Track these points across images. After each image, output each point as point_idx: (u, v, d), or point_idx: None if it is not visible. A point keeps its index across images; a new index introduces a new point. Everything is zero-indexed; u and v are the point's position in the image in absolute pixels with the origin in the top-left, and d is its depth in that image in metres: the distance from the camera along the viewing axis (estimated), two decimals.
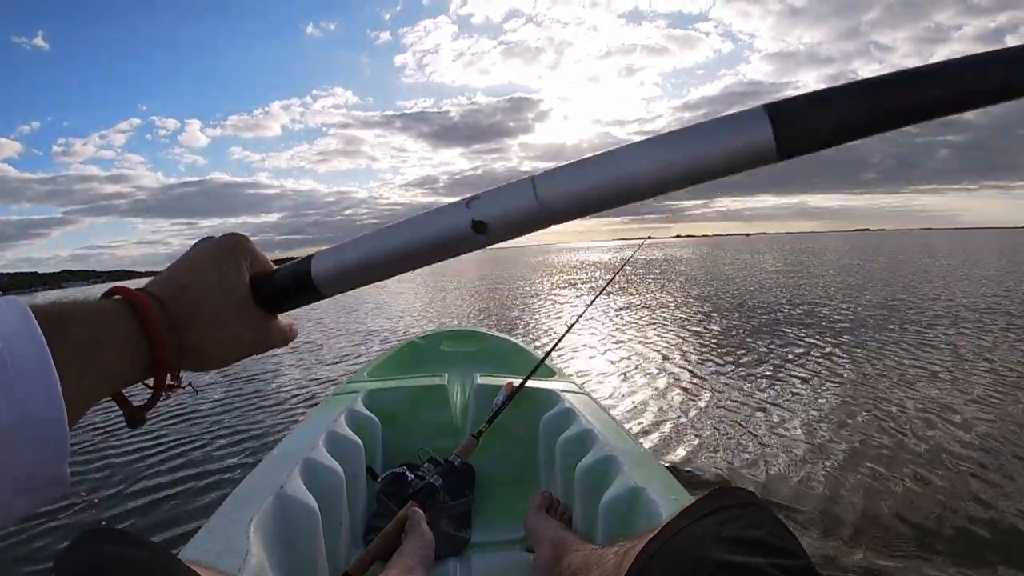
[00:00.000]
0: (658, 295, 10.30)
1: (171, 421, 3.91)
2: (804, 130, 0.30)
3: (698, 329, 6.44)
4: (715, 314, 7.58)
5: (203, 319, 0.35)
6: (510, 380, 1.69)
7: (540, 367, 1.78)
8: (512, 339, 2.68)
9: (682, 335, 6.10)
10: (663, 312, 8.04)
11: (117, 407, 0.34)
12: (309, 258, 0.39)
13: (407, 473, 1.48)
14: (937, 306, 7.43)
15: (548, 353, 1.92)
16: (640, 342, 5.85)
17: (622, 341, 5.97)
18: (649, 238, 3.70)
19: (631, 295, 10.04)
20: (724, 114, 0.31)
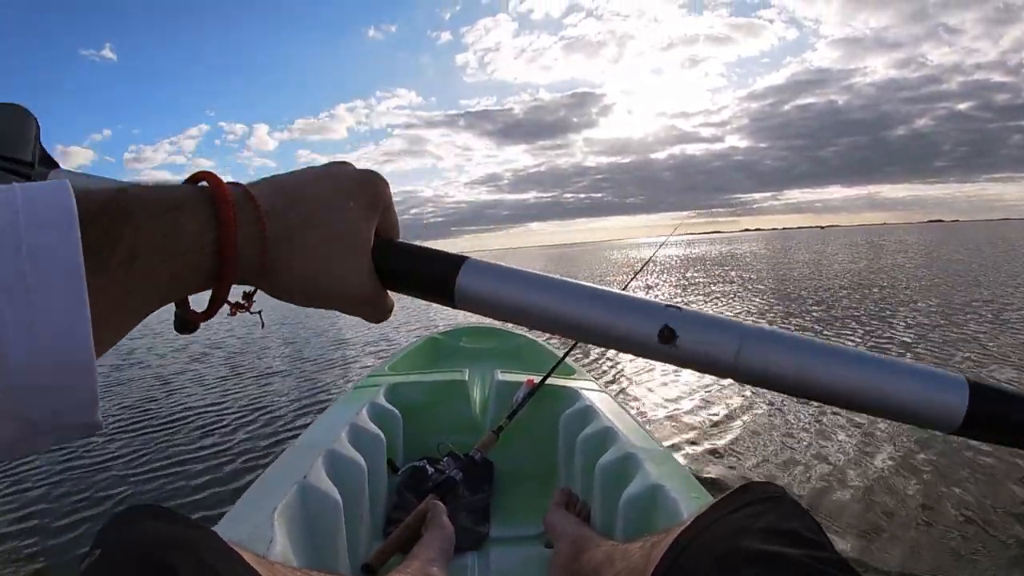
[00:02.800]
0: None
1: (202, 398, 4.00)
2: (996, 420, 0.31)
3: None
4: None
5: (304, 245, 0.30)
6: (530, 377, 1.69)
7: (560, 364, 1.78)
8: (532, 336, 2.69)
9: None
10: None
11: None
12: (463, 259, 0.35)
13: (427, 467, 1.49)
14: None
15: (569, 351, 1.91)
16: None
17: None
18: (674, 232, 3.67)
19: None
20: (923, 368, 0.32)
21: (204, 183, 0.28)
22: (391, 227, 0.35)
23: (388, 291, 0.35)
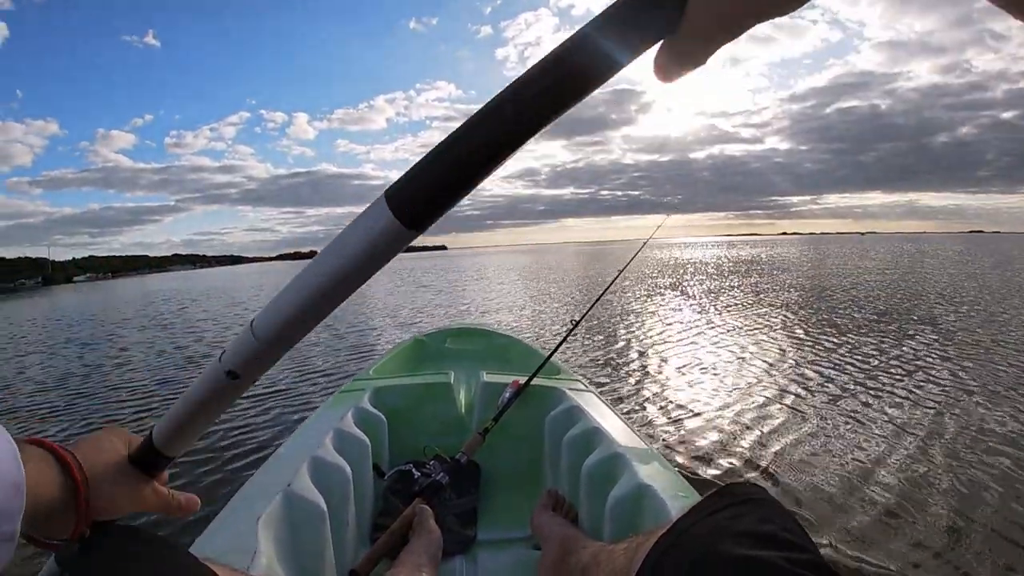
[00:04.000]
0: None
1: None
2: (419, 203, 0.30)
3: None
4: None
5: (98, 478, 0.44)
6: (516, 378, 1.69)
7: (546, 364, 1.77)
8: (517, 337, 2.68)
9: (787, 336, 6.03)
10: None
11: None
12: (152, 429, 0.48)
13: (413, 471, 1.48)
14: None
15: (554, 350, 1.91)
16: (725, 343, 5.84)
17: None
18: (652, 235, 3.65)
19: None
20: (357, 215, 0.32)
21: (40, 447, 0.41)
22: (134, 443, 0.49)
23: (155, 479, 0.49)
